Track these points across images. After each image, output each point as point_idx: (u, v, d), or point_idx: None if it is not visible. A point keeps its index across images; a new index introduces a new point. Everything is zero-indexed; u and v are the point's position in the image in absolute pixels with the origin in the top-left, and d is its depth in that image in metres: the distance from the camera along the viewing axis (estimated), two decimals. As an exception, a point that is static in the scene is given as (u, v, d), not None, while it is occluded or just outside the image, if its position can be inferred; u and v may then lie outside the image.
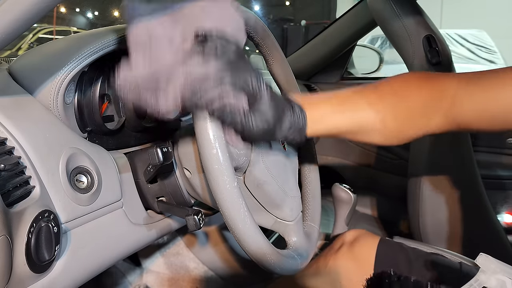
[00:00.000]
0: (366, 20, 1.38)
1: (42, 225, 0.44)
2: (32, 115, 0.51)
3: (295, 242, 0.62)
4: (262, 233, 0.49)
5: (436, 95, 0.52)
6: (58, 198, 0.49)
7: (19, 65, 0.56)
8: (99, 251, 0.55)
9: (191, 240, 1.24)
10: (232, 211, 0.46)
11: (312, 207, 0.73)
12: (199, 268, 1.23)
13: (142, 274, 1.19)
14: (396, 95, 0.53)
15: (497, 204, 1.27)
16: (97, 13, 9.83)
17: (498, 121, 0.49)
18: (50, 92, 0.53)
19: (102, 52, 0.56)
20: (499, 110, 0.48)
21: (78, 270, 0.52)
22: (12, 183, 0.44)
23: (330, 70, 1.61)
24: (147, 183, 0.67)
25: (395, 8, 1.11)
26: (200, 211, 0.60)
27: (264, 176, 0.58)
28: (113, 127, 0.65)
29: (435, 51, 1.06)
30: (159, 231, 0.68)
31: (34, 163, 0.48)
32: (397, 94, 0.53)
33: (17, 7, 0.39)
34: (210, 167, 0.45)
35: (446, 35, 5.46)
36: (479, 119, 0.50)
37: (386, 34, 1.17)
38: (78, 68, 0.54)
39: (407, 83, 0.54)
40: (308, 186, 0.75)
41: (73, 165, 0.53)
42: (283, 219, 0.62)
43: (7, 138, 0.47)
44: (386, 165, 1.47)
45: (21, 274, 0.43)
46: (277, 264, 0.51)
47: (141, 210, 0.66)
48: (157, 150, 0.56)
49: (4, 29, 0.40)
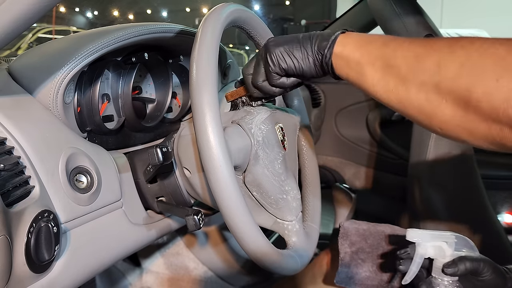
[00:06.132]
0: (366, 19, 1.38)
1: (42, 225, 0.44)
2: (32, 115, 0.51)
3: (295, 242, 0.62)
4: (262, 233, 0.49)
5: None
6: (58, 198, 0.49)
7: (19, 65, 0.56)
8: (98, 251, 0.55)
9: (191, 240, 1.24)
10: (232, 211, 0.46)
11: (312, 207, 0.73)
12: (199, 268, 1.23)
13: (142, 274, 1.19)
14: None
15: (497, 204, 1.27)
16: (96, 12, 9.83)
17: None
18: (50, 92, 0.53)
19: (102, 52, 0.56)
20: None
21: (77, 270, 0.52)
22: (12, 183, 0.44)
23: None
24: (146, 183, 0.67)
25: (395, 7, 1.11)
26: (200, 211, 0.60)
27: (264, 176, 0.58)
28: (112, 127, 0.65)
29: (435, 51, 1.06)
30: (159, 231, 0.68)
31: (33, 163, 0.48)
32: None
33: (17, 7, 0.39)
34: (210, 167, 0.45)
35: (446, 34, 5.46)
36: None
37: (386, 33, 1.17)
38: (78, 68, 0.53)
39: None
40: (308, 186, 0.75)
41: (72, 165, 0.53)
42: (283, 219, 0.62)
43: (6, 138, 0.47)
44: (386, 165, 1.47)
45: (20, 274, 0.43)
46: (277, 264, 0.51)
47: (140, 210, 0.66)
48: (157, 150, 0.56)
49: (4, 29, 0.40)
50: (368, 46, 0.47)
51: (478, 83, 0.36)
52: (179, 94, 0.79)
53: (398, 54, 0.43)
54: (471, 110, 0.37)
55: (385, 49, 0.45)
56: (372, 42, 0.47)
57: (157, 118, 0.72)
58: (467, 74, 0.37)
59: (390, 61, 0.44)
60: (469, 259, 0.51)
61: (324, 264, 0.82)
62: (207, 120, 0.45)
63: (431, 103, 0.40)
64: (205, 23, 0.51)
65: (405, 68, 0.42)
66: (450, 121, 0.39)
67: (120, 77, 0.66)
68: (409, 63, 0.42)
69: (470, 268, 0.50)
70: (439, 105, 0.40)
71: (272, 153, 0.61)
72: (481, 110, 0.36)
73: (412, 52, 0.42)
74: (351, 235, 0.73)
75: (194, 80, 0.47)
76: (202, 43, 0.49)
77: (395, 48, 0.44)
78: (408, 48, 0.43)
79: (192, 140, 0.62)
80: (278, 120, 0.65)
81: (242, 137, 0.57)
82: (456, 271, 0.50)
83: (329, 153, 1.64)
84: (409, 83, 0.42)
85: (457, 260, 0.50)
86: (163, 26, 0.65)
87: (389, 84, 0.44)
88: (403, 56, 0.43)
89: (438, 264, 0.52)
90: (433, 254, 0.53)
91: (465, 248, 0.55)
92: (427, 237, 0.53)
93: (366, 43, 0.47)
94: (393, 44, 0.45)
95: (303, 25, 8.43)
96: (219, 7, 0.53)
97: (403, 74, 0.42)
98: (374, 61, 0.45)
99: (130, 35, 0.59)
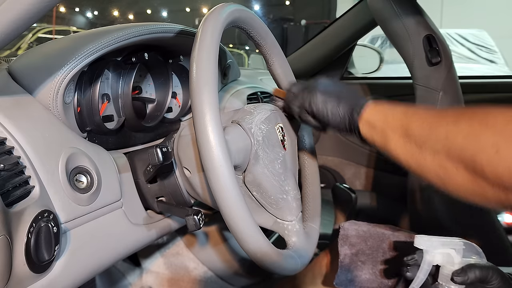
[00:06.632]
0: (366, 19, 1.38)
1: (42, 225, 0.44)
2: (32, 115, 0.51)
3: (295, 242, 0.62)
4: (262, 233, 0.49)
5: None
6: (58, 198, 0.49)
7: (19, 65, 0.56)
8: (98, 251, 0.55)
9: (191, 240, 1.23)
10: (232, 210, 0.46)
11: (312, 207, 0.73)
12: (199, 268, 1.23)
13: (141, 275, 1.19)
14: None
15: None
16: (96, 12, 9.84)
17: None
18: (50, 92, 0.53)
19: (102, 52, 0.56)
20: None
21: (77, 270, 0.52)
22: (12, 183, 0.44)
23: (330, 70, 1.61)
24: (146, 183, 0.66)
25: (395, 7, 1.11)
26: (200, 211, 0.60)
27: (264, 176, 0.58)
28: (112, 126, 0.65)
29: (435, 51, 1.06)
30: (158, 231, 0.68)
31: (33, 163, 0.48)
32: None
33: (17, 7, 0.39)
34: (210, 166, 0.45)
35: (447, 34, 5.45)
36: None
37: (386, 33, 1.17)
38: (78, 68, 0.53)
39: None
40: (308, 186, 0.75)
41: (72, 165, 0.53)
42: (283, 219, 0.62)
43: (6, 138, 0.47)
44: (386, 165, 1.47)
45: (20, 274, 0.43)
46: (277, 264, 0.51)
47: (140, 210, 0.66)
48: (156, 150, 0.56)
49: (4, 29, 0.40)
50: (391, 114, 0.52)
51: (481, 153, 0.40)
52: (179, 94, 0.79)
53: (414, 124, 0.48)
54: (480, 178, 0.40)
55: (404, 118, 0.50)
56: (394, 111, 0.52)
57: (157, 118, 0.72)
58: (471, 145, 0.41)
59: (408, 130, 0.49)
60: (478, 267, 0.50)
61: (324, 265, 0.82)
62: (207, 120, 0.45)
63: (445, 169, 0.44)
64: (205, 23, 0.51)
65: (420, 137, 0.47)
66: (464, 186, 0.43)
67: (120, 77, 0.66)
68: (423, 132, 0.47)
69: (479, 276, 0.50)
70: (452, 172, 0.43)
71: (272, 153, 0.61)
72: (487, 177, 0.39)
73: (425, 122, 0.47)
74: (351, 237, 0.73)
75: (194, 80, 0.47)
76: (202, 43, 0.49)
77: (412, 117, 0.49)
78: (422, 118, 0.48)
79: (192, 140, 0.62)
80: (278, 120, 0.65)
81: (242, 137, 0.57)
82: (465, 280, 0.49)
83: (329, 153, 1.64)
84: (424, 150, 0.46)
85: (467, 268, 0.50)
86: (163, 26, 0.65)
87: (409, 151, 0.48)
88: (418, 126, 0.47)
89: (446, 271, 0.52)
90: (441, 261, 0.52)
91: (474, 255, 0.54)
92: (436, 244, 0.52)
93: (390, 111, 0.52)
94: (411, 113, 0.50)
95: (303, 25, 8.42)
96: (219, 7, 0.53)
97: (419, 142, 0.47)
98: (396, 129, 0.50)
99: (130, 35, 0.59)
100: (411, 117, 0.49)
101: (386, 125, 0.52)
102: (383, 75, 1.81)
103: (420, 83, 1.10)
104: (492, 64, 5.40)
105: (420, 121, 0.48)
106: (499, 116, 0.41)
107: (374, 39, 5.45)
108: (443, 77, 1.07)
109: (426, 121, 0.47)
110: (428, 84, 1.09)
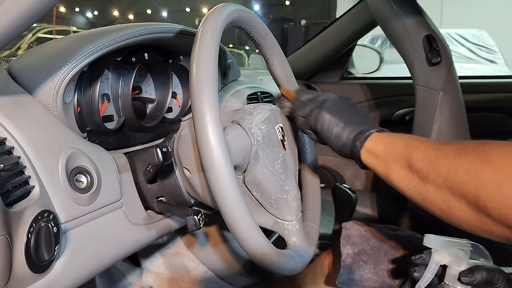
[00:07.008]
0: (366, 19, 1.38)
1: (42, 225, 0.44)
2: (32, 115, 0.51)
3: (295, 242, 0.62)
4: (262, 233, 0.49)
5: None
6: (58, 198, 0.49)
7: (19, 65, 0.56)
8: (98, 251, 0.55)
9: (191, 240, 1.23)
10: (232, 210, 0.46)
11: (312, 207, 0.73)
12: (199, 268, 1.23)
13: (141, 275, 1.19)
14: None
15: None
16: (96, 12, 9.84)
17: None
18: (50, 92, 0.53)
19: (102, 52, 0.56)
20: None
21: (77, 270, 0.52)
22: (12, 183, 0.44)
23: (330, 69, 1.61)
24: (146, 183, 0.66)
25: (395, 7, 1.11)
26: (200, 211, 0.60)
27: (264, 176, 0.58)
28: (112, 127, 0.65)
29: (435, 51, 1.06)
30: (158, 231, 0.68)
31: (33, 163, 0.48)
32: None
33: (17, 7, 0.39)
34: (210, 166, 0.45)
35: (447, 34, 5.45)
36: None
37: (386, 34, 1.17)
38: (78, 68, 0.53)
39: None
40: (308, 186, 0.75)
41: (72, 165, 0.53)
42: (283, 219, 0.62)
43: (6, 138, 0.47)
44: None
45: (20, 274, 0.43)
46: (277, 264, 0.51)
47: (140, 210, 0.66)
48: (156, 150, 0.56)
49: (4, 29, 0.40)
50: (394, 145, 0.51)
51: (482, 190, 0.39)
52: (179, 94, 0.79)
53: (416, 157, 0.47)
54: (483, 214, 0.39)
55: (407, 150, 0.49)
56: (397, 142, 0.52)
57: (157, 118, 0.72)
58: (473, 180, 0.40)
59: (410, 162, 0.48)
60: (485, 269, 0.50)
61: (326, 265, 0.82)
62: (207, 120, 0.45)
63: (448, 203, 0.43)
64: (205, 23, 0.51)
65: (422, 171, 0.46)
66: (468, 221, 0.42)
67: (120, 77, 0.66)
68: (425, 166, 0.46)
69: (486, 278, 0.50)
70: (455, 206, 0.42)
71: (272, 153, 0.61)
72: (491, 215, 0.38)
73: (427, 156, 0.46)
74: (353, 237, 0.73)
75: (194, 80, 0.47)
76: (202, 43, 0.49)
77: (414, 150, 0.48)
78: (424, 152, 0.47)
79: (192, 140, 0.62)
80: (278, 120, 0.65)
81: (242, 137, 0.57)
82: (472, 280, 0.50)
83: (329, 153, 1.63)
84: (427, 184, 0.45)
85: (474, 269, 0.50)
86: (163, 26, 0.65)
87: (411, 183, 0.48)
88: (420, 158, 0.47)
89: (453, 271, 0.52)
90: (448, 261, 0.52)
91: (481, 258, 0.54)
92: (444, 244, 0.53)
93: (393, 142, 0.52)
94: (413, 145, 0.49)
95: (303, 25, 8.42)
96: (219, 7, 0.53)
97: (422, 176, 0.46)
98: (398, 160, 0.50)
99: (130, 35, 0.59)
100: (414, 149, 0.48)
101: (389, 156, 0.51)
102: (383, 75, 1.81)
103: (420, 83, 1.10)
104: (492, 64, 5.40)
105: (422, 154, 0.47)
106: (498, 151, 0.40)
107: (374, 39, 5.45)
108: (443, 77, 1.07)
109: (427, 154, 0.46)
110: (428, 84, 1.09)
